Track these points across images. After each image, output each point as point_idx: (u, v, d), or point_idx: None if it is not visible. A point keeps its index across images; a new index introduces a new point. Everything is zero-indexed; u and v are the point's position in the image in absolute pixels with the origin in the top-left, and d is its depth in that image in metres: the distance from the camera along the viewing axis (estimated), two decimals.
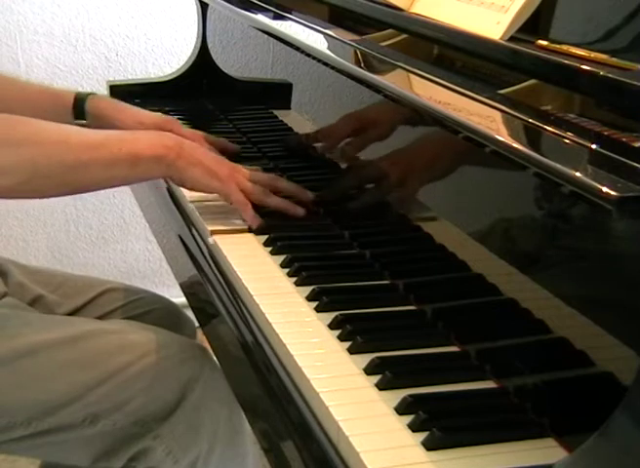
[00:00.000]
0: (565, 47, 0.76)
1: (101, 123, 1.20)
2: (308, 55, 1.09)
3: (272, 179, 1.07)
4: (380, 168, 0.99)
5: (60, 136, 0.99)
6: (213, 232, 1.02)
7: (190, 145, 1.04)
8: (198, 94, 1.55)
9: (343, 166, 1.09)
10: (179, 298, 1.19)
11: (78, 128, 1.04)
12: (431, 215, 0.88)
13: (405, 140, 0.95)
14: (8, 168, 0.94)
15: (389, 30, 1.01)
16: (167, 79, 1.57)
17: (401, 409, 0.69)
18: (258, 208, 1.04)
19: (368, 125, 1.03)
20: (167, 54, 2.15)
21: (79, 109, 1.20)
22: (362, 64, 0.97)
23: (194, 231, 1.08)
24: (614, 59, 0.70)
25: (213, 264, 0.99)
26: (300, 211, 1.04)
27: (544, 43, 0.78)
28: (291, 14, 1.19)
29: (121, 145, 1.01)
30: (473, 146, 0.75)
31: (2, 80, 1.21)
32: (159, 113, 1.28)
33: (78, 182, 1.00)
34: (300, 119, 1.22)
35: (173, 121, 1.25)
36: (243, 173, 1.05)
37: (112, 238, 2.27)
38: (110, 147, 1.00)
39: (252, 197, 1.03)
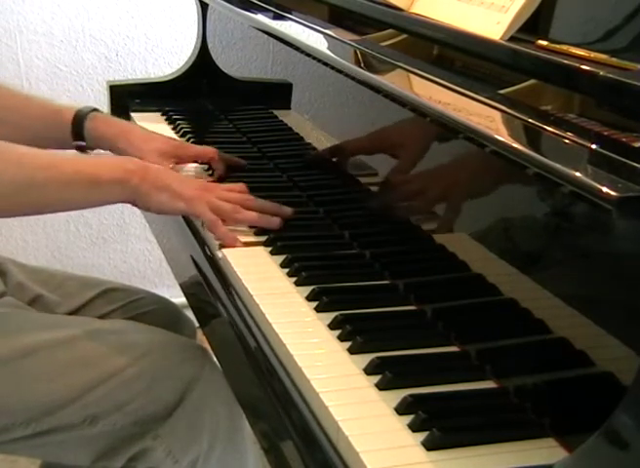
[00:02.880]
0: (565, 47, 0.76)
1: (100, 145, 1.18)
2: (308, 55, 1.09)
3: (243, 199, 1.03)
4: (381, 168, 0.99)
5: (11, 154, 0.96)
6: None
7: (156, 169, 1.02)
8: (198, 94, 1.55)
9: (344, 167, 1.09)
10: (179, 298, 1.19)
11: (35, 149, 0.99)
12: (431, 216, 0.88)
13: (405, 142, 0.95)
14: None
15: (389, 30, 1.01)
16: (167, 79, 1.57)
17: (401, 409, 0.69)
18: None
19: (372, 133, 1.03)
20: (167, 54, 2.15)
21: (78, 128, 1.17)
22: (362, 64, 0.97)
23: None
24: (614, 59, 0.70)
25: (213, 265, 0.99)
26: (274, 222, 1.01)
27: (544, 43, 0.78)
28: (291, 14, 1.19)
29: (78, 167, 0.99)
30: (473, 146, 0.75)
31: (4, 91, 1.20)
32: (164, 136, 1.21)
33: (35, 203, 0.98)
34: (300, 119, 1.22)
35: (179, 146, 1.20)
36: (216, 192, 1.02)
37: (112, 238, 2.27)
38: (66, 168, 0.98)
39: (223, 216, 1.00)
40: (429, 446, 0.65)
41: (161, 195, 1.00)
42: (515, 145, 0.68)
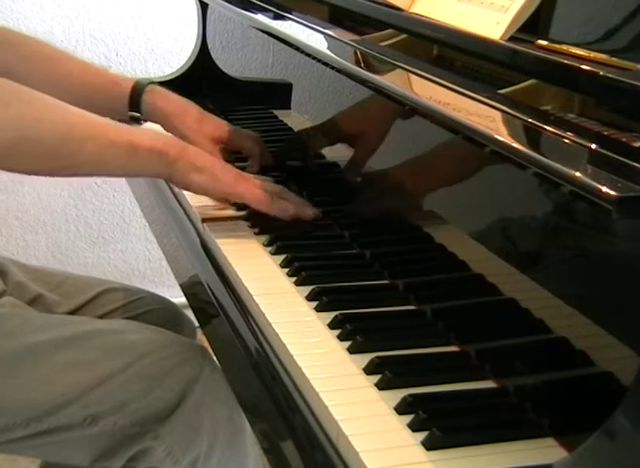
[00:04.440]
0: (565, 47, 0.76)
1: (154, 119, 1.18)
2: (308, 55, 1.09)
3: (280, 190, 1.05)
4: (381, 168, 0.99)
5: (57, 103, 0.96)
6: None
7: (195, 149, 1.02)
8: (198, 94, 1.54)
9: (343, 166, 1.09)
10: (179, 298, 1.19)
11: (80, 109, 0.99)
12: (431, 216, 0.88)
13: (404, 142, 0.95)
14: None
15: (389, 30, 1.01)
16: (167, 79, 1.57)
17: (401, 409, 0.69)
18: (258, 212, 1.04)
19: (367, 128, 1.03)
20: (167, 54, 2.15)
21: (135, 100, 1.16)
22: (362, 64, 0.97)
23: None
24: (614, 59, 0.70)
25: (212, 264, 0.99)
26: (308, 213, 1.03)
27: (544, 43, 0.78)
28: (291, 14, 1.19)
29: (120, 131, 0.99)
30: (473, 146, 0.75)
31: (64, 56, 1.19)
32: (217, 120, 1.20)
33: (69, 158, 0.96)
34: (300, 119, 1.22)
35: (231, 132, 1.19)
36: (252, 181, 1.03)
37: (112, 238, 2.27)
38: (108, 129, 0.98)
39: (259, 203, 1.01)
40: (429, 445, 0.65)
41: (202, 176, 1.00)
42: (515, 145, 0.68)
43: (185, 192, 1.14)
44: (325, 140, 1.14)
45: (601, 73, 0.68)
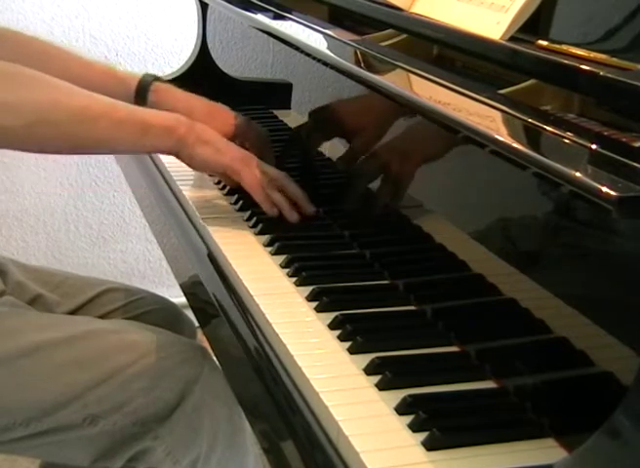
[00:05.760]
0: (565, 47, 0.76)
1: None
2: (308, 55, 1.09)
3: (283, 176, 1.05)
4: (381, 168, 0.99)
5: (71, 86, 0.98)
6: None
7: (203, 126, 1.05)
8: (198, 94, 1.55)
9: (344, 166, 1.09)
10: (179, 298, 1.19)
11: (90, 92, 1.02)
12: (431, 215, 0.88)
13: (405, 141, 0.95)
14: (10, 106, 0.92)
15: (389, 30, 1.01)
16: (167, 79, 1.57)
17: (401, 410, 0.69)
18: (257, 206, 1.04)
19: (367, 125, 1.03)
20: (167, 54, 2.15)
21: (141, 97, 1.17)
22: (362, 64, 0.97)
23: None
24: (614, 59, 0.70)
25: (212, 264, 0.99)
26: (294, 216, 1.03)
27: (544, 43, 0.78)
28: (291, 14, 1.19)
29: (131, 109, 1.02)
30: (473, 146, 0.75)
31: (65, 55, 1.20)
32: (227, 115, 1.19)
33: (83, 137, 0.99)
34: (300, 119, 1.22)
35: (239, 127, 1.17)
36: (255, 162, 1.04)
37: (112, 238, 2.27)
38: (122, 108, 1.00)
39: (253, 187, 1.02)
40: (429, 446, 0.65)
41: (206, 148, 1.03)
42: (515, 145, 0.68)
43: (185, 192, 1.15)
44: (324, 137, 1.14)
45: (601, 73, 0.68)
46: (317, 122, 1.16)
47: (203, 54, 1.56)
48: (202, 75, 1.56)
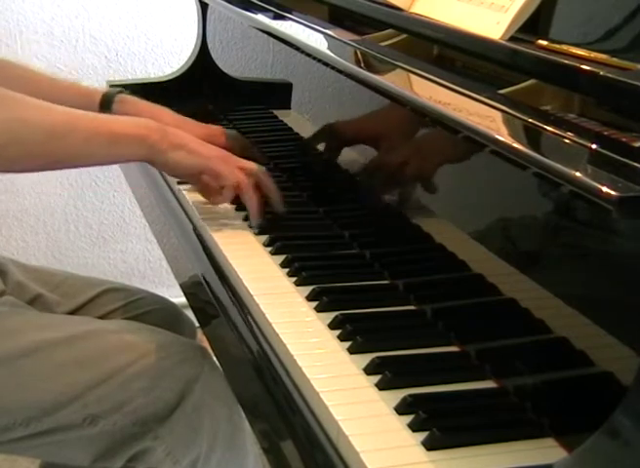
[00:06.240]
0: (565, 47, 0.76)
1: None
2: (308, 55, 1.09)
3: (262, 171, 1.05)
4: (381, 168, 0.99)
5: (38, 103, 0.97)
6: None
7: (175, 130, 1.03)
8: (198, 94, 1.55)
9: (344, 166, 1.09)
10: (179, 298, 1.19)
11: (62, 106, 1.01)
12: (431, 215, 0.88)
13: (406, 141, 0.95)
14: None
15: (389, 30, 1.01)
16: (167, 79, 1.57)
17: (401, 409, 0.69)
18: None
19: (368, 127, 1.03)
20: (167, 54, 2.15)
21: (106, 108, 1.17)
22: (362, 64, 0.97)
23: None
24: (614, 59, 0.71)
25: (212, 264, 0.99)
26: (256, 220, 1.03)
27: (544, 43, 0.78)
28: (291, 14, 1.19)
29: (99, 121, 1.00)
30: (473, 146, 0.75)
31: (30, 74, 1.20)
32: (194, 123, 1.19)
33: (55, 154, 0.98)
34: (300, 119, 1.22)
35: (210, 135, 1.15)
36: (234, 159, 1.04)
37: (112, 238, 2.27)
38: (90, 122, 0.99)
39: (239, 184, 1.02)
40: (429, 445, 0.65)
41: (178, 152, 1.01)
42: (515, 145, 0.68)
43: (185, 191, 1.15)
44: (325, 142, 1.14)
45: (601, 73, 0.68)
46: (321, 131, 1.16)
47: (203, 54, 1.56)
48: (202, 75, 1.56)
